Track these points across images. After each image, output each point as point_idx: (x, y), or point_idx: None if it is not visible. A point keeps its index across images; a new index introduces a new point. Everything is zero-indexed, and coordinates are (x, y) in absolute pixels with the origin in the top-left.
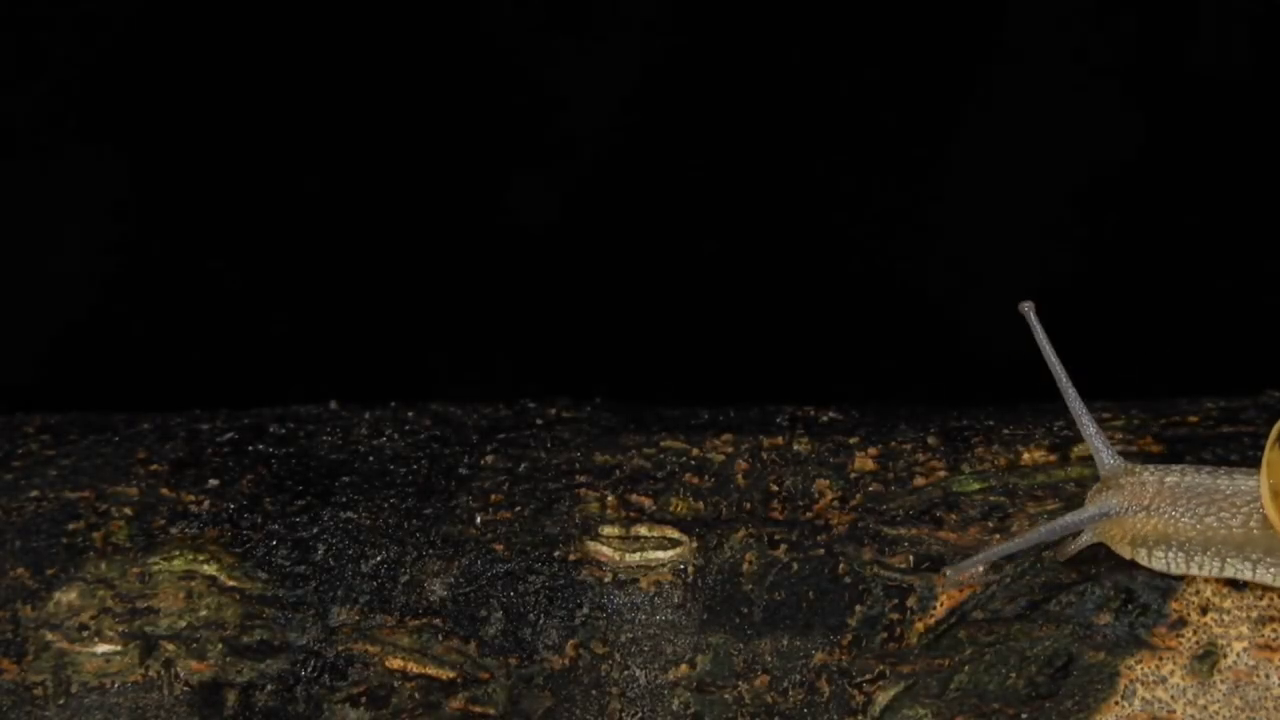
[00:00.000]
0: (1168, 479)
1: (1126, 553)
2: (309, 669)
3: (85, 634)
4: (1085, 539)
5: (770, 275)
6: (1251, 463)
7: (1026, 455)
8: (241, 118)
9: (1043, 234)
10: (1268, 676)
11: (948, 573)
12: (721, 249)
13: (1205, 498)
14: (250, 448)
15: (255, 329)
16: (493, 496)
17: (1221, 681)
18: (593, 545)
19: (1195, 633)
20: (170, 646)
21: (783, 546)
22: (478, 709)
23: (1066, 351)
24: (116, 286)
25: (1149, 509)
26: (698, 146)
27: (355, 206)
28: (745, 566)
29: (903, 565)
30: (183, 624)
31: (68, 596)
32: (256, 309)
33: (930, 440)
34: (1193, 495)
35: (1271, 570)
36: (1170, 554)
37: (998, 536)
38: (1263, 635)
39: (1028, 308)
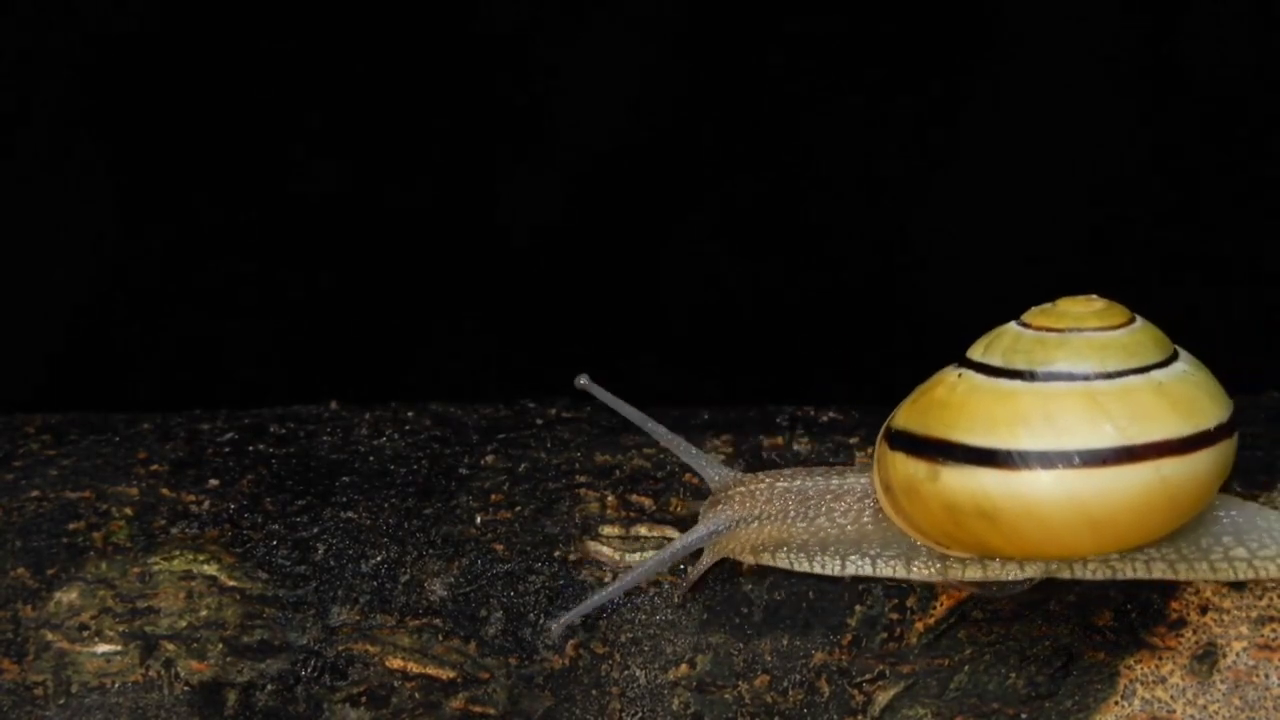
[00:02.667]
0: (779, 484)
1: (750, 559)
2: (309, 669)
3: (85, 634)
4: (706, 560)
5: (770, 275)
6: (1251, 464)
7: None
8: (242, 117)
9: (1043, 234)
10: (1267, 676)
11: (553, 627)
12: (721, 249)
13: (816, 500)
14: (250, 448)
15: (255, 329)
16: (493, 496)
17: (1221, 681)
18: (593, 545)
19: (1195, 632)
20: (170, 646)
21: None
22: (478, 709)
23: None
24: (116, 287)
25: (761, 518)
26: (698, 146)
27: (355, 206)
28: (745, 567)
29: None
30: (183, 624)
31: (68, 596)
32: (257, 309)
33: None
34: (804, 499)
35: (892, 563)
36: (792, 555)
37: (610, 576)
38: (1262, 635)
39: (584, 381)
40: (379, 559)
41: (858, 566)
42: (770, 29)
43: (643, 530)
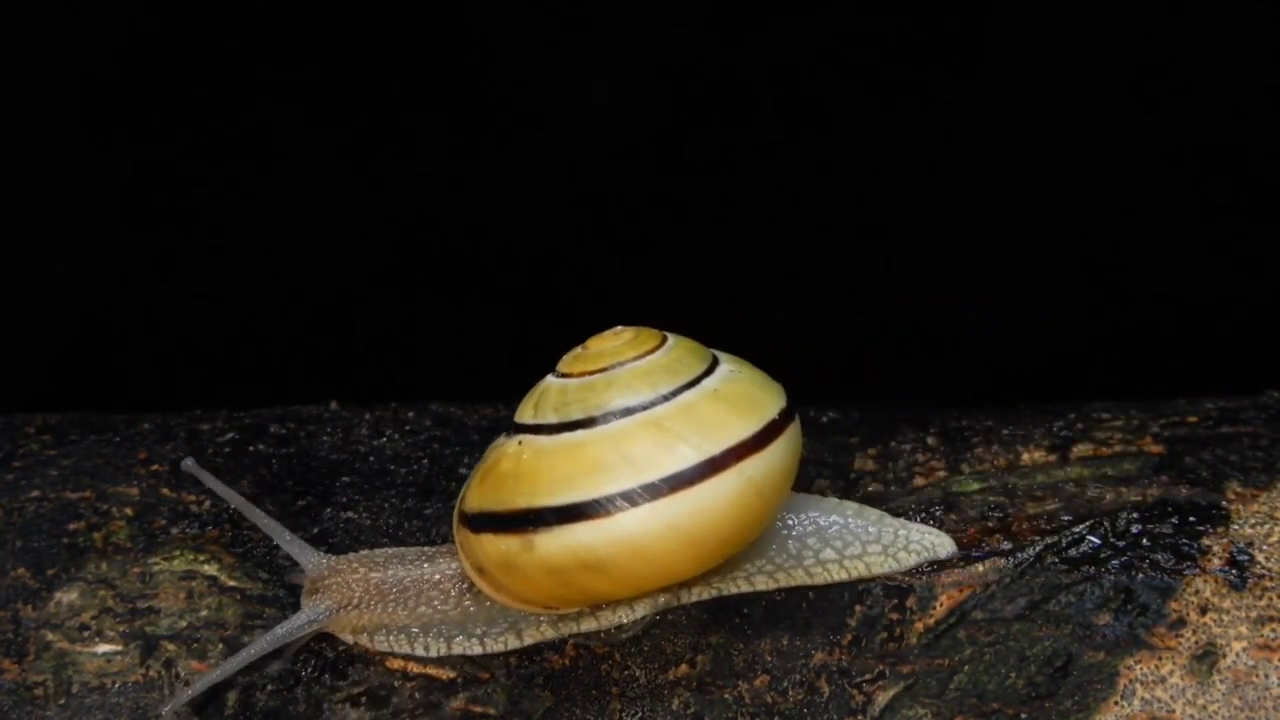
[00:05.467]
0: (373, 575)
1: (350, 639)
2: (309, 669)
3: (86, 634)
4: (308, 632)
5: (770, 276)
6: (1251, 464)
7: (1026, 455)
8: (242, 118)
9: (1043, 234)
10: (1267, 676)
11: (163, 712)
12: (721, 249)
13: (414, 589)
14: (250, 448)
15: (255, 329)
16: None
17: (1221, 681)
18: None
19: (1195, 633)
20: (171, 646)
21: None
22: (478, 709)
23: (1067, 351)
24: (117, 287)
25: (360, 606)
26: (698, 146)
27: (355, 206)
28: None
29: None
30: (183, 624)
31: (68, 596)
32: (257, 309)
33: (930, 440)
34: (401, 589)
35: (502, 638)
36: (392, 638)
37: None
38: (1262, 635)
39: (189, 464)
40: None
41: (464, 647)
42: (770, 28)
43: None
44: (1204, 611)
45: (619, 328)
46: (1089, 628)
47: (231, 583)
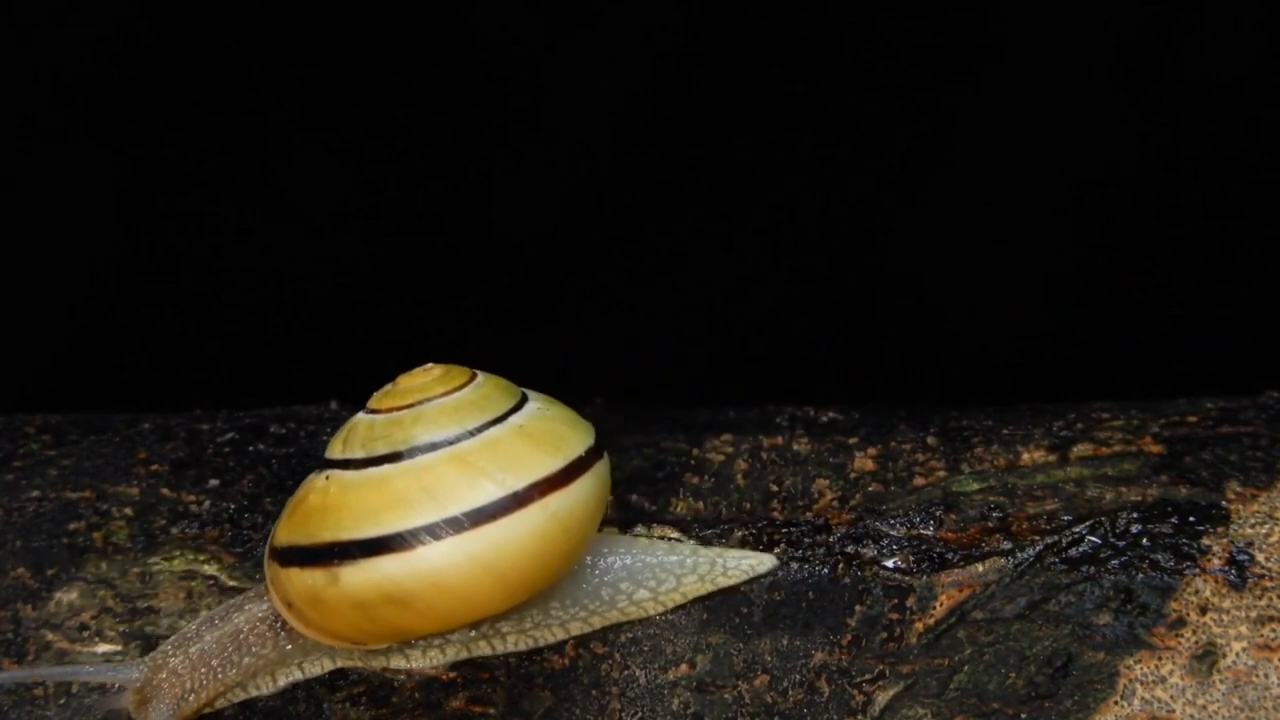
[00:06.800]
0: (192, 650)
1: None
2: None
3: (86, 634)
4: None
5: (770, 275)
6: (1251, 464)
7: (1026, 455)
8: (241, 118)
9: (1043, 234)
10: (1267, 676)
11: None
12: (721, 249)
13: (233, 644)
14: (250, 448)
15: (255, 329)
16: None
17: (1221, 681)
18: None
19: (1194, 632)
20: None
21: (782, 546)
22: (478, 709)
23: (1066, 351)
24: (116, 287)
25: (195, 689)
26: (698, 146)
27: (355, 206)
28: None
29: (903, 565)
30: (183, 624)
31: (68, 596)
32: (257, 309)
33: (930, 440)
34: (223, 651)
35: (318, 663)
36: (231, 695)
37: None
38: (1262, 635)
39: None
40: None
41: (289, 677)
42: (769, 28)
43: (643, 530)
44: (1204, 611)
45: (429, 365)
46: (1089, 628)
47: (232, 583)
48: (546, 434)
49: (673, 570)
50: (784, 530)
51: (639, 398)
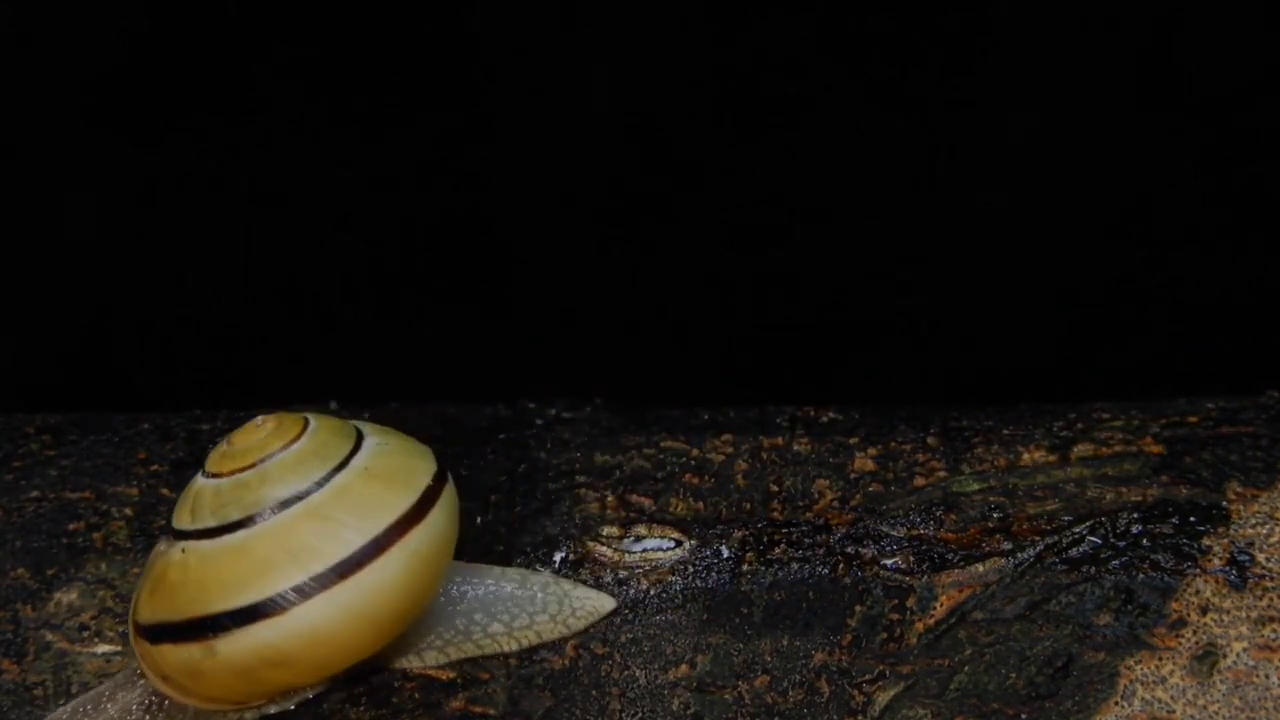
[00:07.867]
0: None
1: None
2: None
3: (85, 634)
4: None
5: (770, 275)
6: (1251, 464)
7: (1026, 455)
8: (241, 118)
9: (1043, 234)
10: (1267, 676)
11: None
12: (721, 248)
13: None
14: None
15: (255, 329)
16: (493, 497)
17: (1221, 681)
18: (593, 545)
19: (1195, 633)
20: None
21: (782, 546)
22: (478, 709)
23: (1066, 351)
24: (117, 287)
25: None
26: (698, 145)
27: (354, 206)
28: (745, 566)
29: (903, 565)
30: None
31: (68, 596)
32: (257, 309)
33: (930, 440)
34: None
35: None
36: None
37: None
38: (1262, 635)
39: None
40: None
41: None
42: (769, 27)
43: (642, 530)
44: (1204, 612)
45: (260, 418)
46: (1089, 628)
47: None
48: (392, 471)
49: (524, 606)
50: (784, 530)
51: (639, 398)
